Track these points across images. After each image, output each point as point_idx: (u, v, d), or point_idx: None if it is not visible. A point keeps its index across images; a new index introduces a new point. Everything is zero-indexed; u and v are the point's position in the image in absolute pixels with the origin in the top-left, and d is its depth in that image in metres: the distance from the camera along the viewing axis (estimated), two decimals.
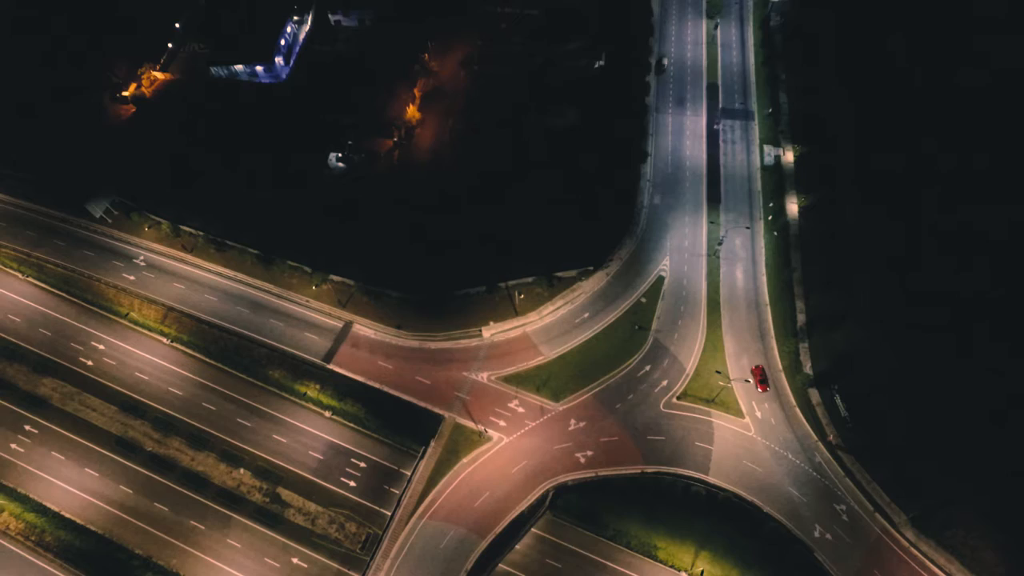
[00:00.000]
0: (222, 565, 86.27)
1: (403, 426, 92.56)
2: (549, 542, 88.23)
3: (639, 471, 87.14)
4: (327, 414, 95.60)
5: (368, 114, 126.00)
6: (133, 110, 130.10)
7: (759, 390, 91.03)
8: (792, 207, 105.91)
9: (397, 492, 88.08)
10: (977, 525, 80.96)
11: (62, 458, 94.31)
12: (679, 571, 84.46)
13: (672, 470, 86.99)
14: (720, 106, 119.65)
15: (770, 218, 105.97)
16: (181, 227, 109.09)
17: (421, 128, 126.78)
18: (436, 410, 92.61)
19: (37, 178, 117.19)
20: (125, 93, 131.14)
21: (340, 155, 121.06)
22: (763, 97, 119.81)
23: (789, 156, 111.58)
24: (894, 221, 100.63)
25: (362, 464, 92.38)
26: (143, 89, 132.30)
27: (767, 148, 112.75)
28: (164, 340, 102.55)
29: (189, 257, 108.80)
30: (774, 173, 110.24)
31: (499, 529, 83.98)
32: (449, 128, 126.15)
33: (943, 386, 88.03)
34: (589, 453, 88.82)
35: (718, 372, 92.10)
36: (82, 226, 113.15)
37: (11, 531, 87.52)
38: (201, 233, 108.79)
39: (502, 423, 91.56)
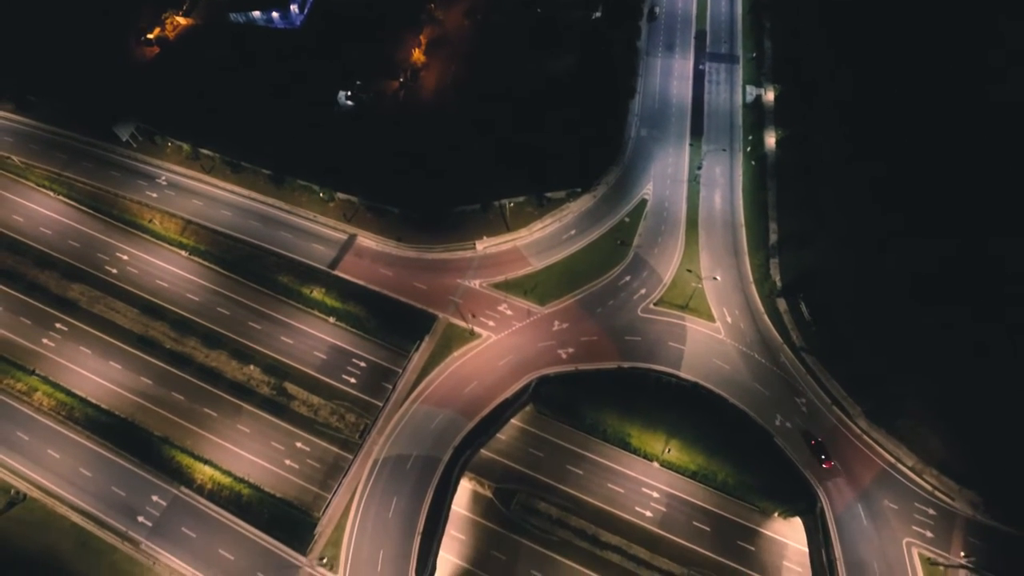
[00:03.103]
0: (232, 447, 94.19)
1: (400, 327, 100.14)
2: (532, 434, 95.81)
3: (616, 366, 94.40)
4: (331, 320, 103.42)
5: (376, 57, 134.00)
6: (157, 51, 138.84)
7: (824, 467, 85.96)
8: (770, 140, 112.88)
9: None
10: (925, 416, 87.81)
11: (89, 352, 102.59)
12: (651, 461, 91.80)
13: (647, 366, 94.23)
14: (707, 50, 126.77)
15: (749, 149, 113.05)
16: (200, 150, 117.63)
17: (426, 71, 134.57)
18: (431, 311, 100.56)
19: (68, 106, 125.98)
20: (150, 36, 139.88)
21: (348, 94, 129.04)
22: (748, 42, 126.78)
23: (770, 95, 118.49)
24: (863, 152, 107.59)
25: (362, 363, 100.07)
26: (167, 33, 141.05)
27: (749, 88, 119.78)
28: (183, 253, 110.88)
29: (207, 177, 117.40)
30: (755, 110, 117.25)
31: (485, 413, 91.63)
32: (452, 72, 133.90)
33: (899, 295, 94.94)
34: (570, 350, 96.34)
35: (689, 271, 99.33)
36: (109, 149, 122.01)
37: (44, 407, 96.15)
38: (218, 155, 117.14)
39: (491, 323, 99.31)
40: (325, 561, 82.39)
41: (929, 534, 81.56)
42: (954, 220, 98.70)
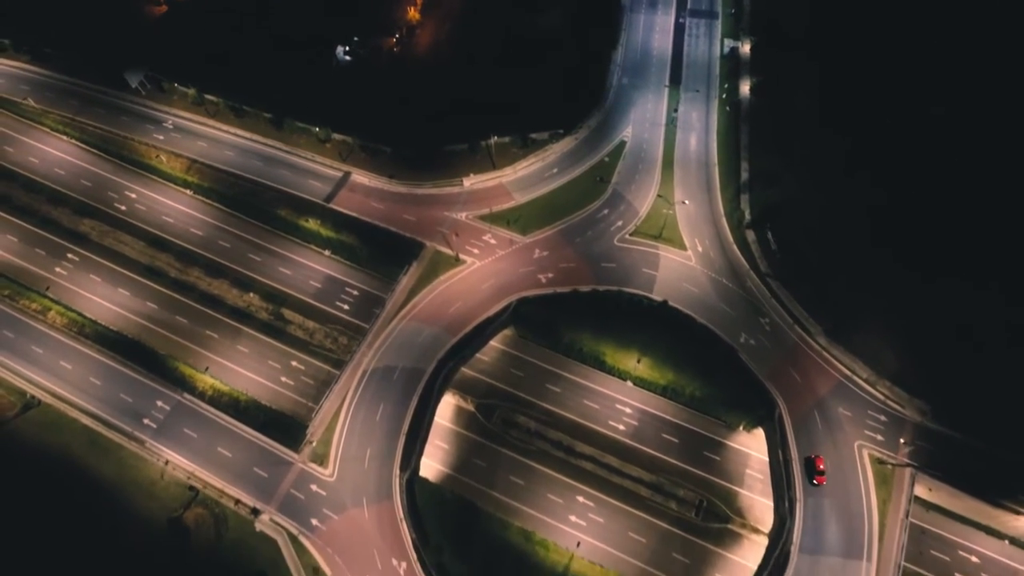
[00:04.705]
0: (232, 365, 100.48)
1: (390, 255, 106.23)
2: (513, 355, 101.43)
3: (591, 289, 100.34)
4: (326, 253, 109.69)
5: (373, 15, 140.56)
6: (165, 9, 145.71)
7: (815, 481, 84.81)
8: (745, 88, 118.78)
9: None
10: (880, 334, 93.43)
11: (99, 280, 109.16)
12: (624, 380, 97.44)
13: (621, 289, 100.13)
14: (688, 7, 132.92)
15: (724, 96, 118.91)
16: (205, 95, 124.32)
17: (421, 29, 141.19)
18: (419, 239, 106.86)
19: (80, 57, 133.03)
20: None
21: (346, 49, 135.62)
22: None
23: (746, 48, 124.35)
24: (829, 95, 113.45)
25: (355, 292, 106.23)
26: None
27: (727, 41, 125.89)
28: (187, 192, 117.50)
29: (211, 121, 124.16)
30: (731, 60, 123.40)
31: (468, 329, 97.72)
32: (446, 30, 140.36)
33: (857, 226, 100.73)
34: (550, 275, 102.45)
35: (661, 196, 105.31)
36: (119, 96, 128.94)
37: (57, 324, 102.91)
38: (222, 101, 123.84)
39: (476, 251, 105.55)
40: (315, 445, 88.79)
41: (879, 437, 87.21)
42: (909, 159, 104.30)
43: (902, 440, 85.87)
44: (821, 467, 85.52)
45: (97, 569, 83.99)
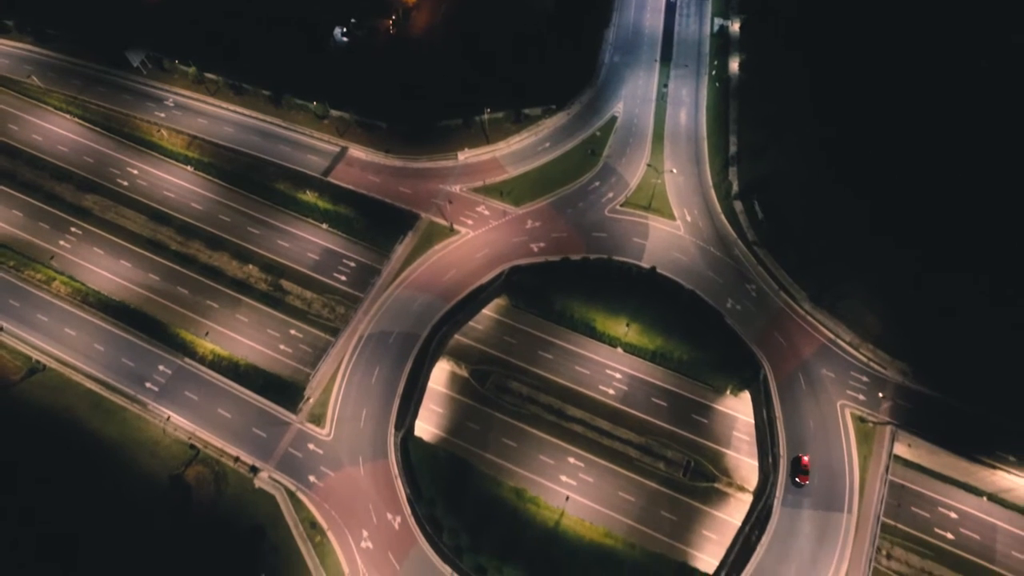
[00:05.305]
0: (232, 333, 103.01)
1: (386, 226, 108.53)
2: (506, 324, 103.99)
3: (582, 258, 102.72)
4: (324, 226, 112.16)
5: None
6: None
7: (798, 480, 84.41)
8: (734, 65, 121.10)
9: None
10: (863, 298, 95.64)
11: (101, 252, 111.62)
12: (614, 346, 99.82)
13: (611, 257, 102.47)
14: None
15: (714, 72, 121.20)
16: (205, 74, 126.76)
17: (417, 11, 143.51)
18: (414, 211, 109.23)
19: (83, 38, 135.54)
20: None
21: (344, 30, 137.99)
22: None
23: (736, 27, 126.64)
24: (816, 73, 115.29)
25: (351, 264, 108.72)
26: None
27: (717, 20, 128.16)
28: (188, 168, 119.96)
29: (211, 99, 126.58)
30: (721, 38, 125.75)
31: (461, 296, 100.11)
32: (442, 11, 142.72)
33: (844, 196, 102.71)
34: (542, 244, 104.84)
35: (650, 165, 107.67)
36: (121, 76, 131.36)
37: (61, 293, 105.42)
38: (221, 79, 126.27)
39: (470, 222, 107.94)
40: (312, 403, 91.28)
41: (861, 397, 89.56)
42: (894, 133, 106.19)
43: (880, 395, 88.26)
44: (806, 463, 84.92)
45: (100, 524, 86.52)
